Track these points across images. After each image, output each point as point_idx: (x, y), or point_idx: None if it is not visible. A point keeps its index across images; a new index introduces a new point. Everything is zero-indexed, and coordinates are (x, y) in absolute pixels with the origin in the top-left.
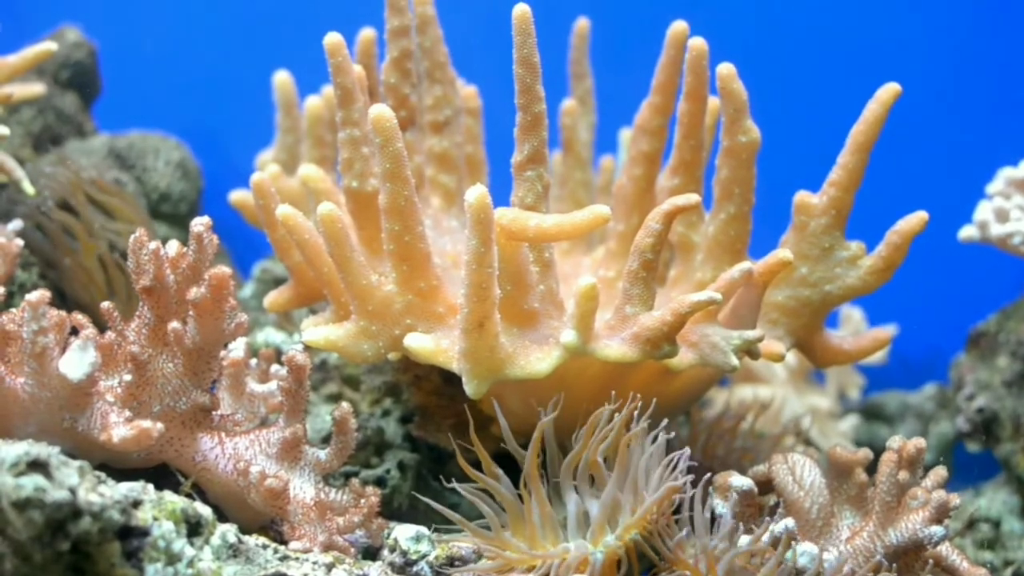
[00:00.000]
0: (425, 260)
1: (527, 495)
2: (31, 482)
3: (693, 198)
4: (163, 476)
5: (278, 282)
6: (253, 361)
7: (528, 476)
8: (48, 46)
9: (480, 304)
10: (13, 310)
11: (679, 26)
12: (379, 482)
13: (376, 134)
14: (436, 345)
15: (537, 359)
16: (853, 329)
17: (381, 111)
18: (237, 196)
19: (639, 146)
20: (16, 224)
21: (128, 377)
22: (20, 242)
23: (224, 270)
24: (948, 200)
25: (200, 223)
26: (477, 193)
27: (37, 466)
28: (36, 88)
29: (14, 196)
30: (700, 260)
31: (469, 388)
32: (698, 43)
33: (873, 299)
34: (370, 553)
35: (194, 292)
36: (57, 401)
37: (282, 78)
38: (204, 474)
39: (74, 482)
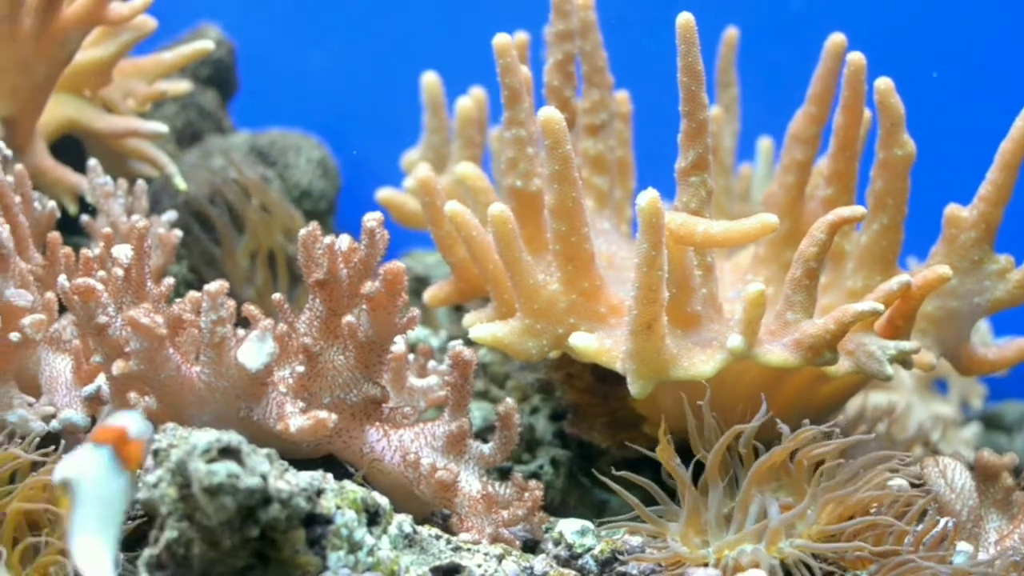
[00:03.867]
0: (589, 260)
1: (695, 493)
2: (224, 468)
3: (859, 210)
4: (328, 468)
5: (418, 280)
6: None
7: (709, 475)
8: (205, 45)
9: (649, 306)
10: (179, 300)
11: (837, 38)
12: (533, 478)
13: (545, 136)
14: (600, 345)
15: (701, 361)
16: (979, 339)
17: (551, 113)
18: (384, 194)
19: (792, 154)
20: (170, 215)
21: (300, 368)
22: (179, 233)
23: (399, 265)
24: None
25: (372, 218)
26: (649, 197)
27: (228, 453)
28: (183, 85)
29: (169, 188)
30: (851, 269)
31: (634, 388)
32: (857, 57)
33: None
34: (529, 546)
35: (369, 286)
36: (234, 390)
37: (430, 79)
38: (373, 465)
39: (265, 469)
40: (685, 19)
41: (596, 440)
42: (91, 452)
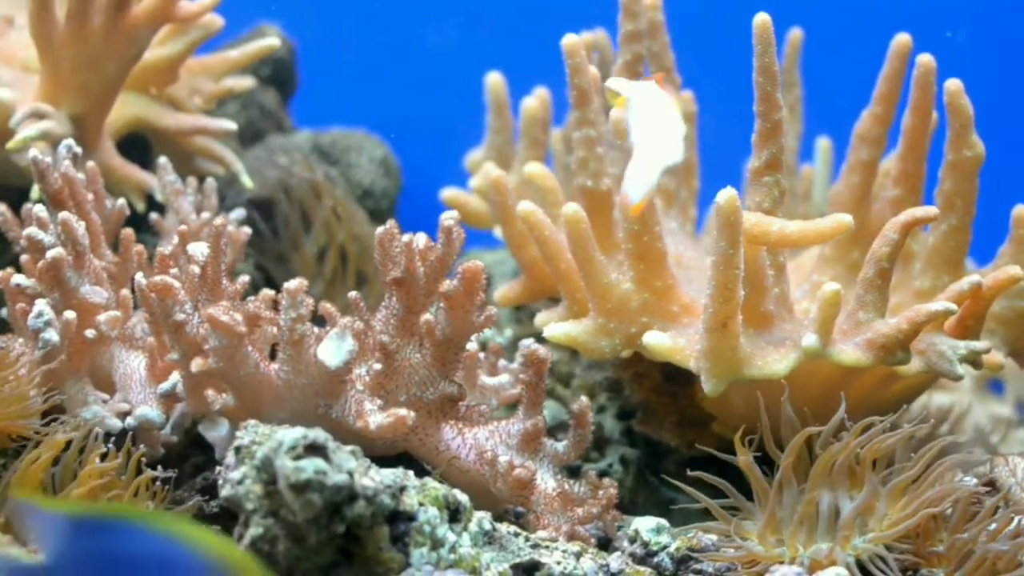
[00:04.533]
0: (662, 259)
1: (769, 492)
2: (311, 465)
3: (931, 210)
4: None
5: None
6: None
7: (784, 474)
8: (270, 42)
9: (725, 304)
10: (252, 298)
11: (903, 39)
12: (602, 476)
13: (617, 136)
14: (673, 343)
15: (775, 360)
16: None
17: (619, 117)
18: (449, 193)
19: (858, 154)
20: (239, 213)
21: (377, 366)
22: (248, 231)
23: (477, 263)
24: None
25: (450, 217)
26: (728, 195)
27: (315, 449)
28: (247, 82)
29: (234, 186)
30: (919, 269)
31: (708, 386)
32: (926, 59)
33: None
34: (602, 544)
35: (447, 284)
36: (312, 388)
37: (494, 79)
38: (451, 463)
39: (352, 466)
40: (762, 19)
41: (665, 439)
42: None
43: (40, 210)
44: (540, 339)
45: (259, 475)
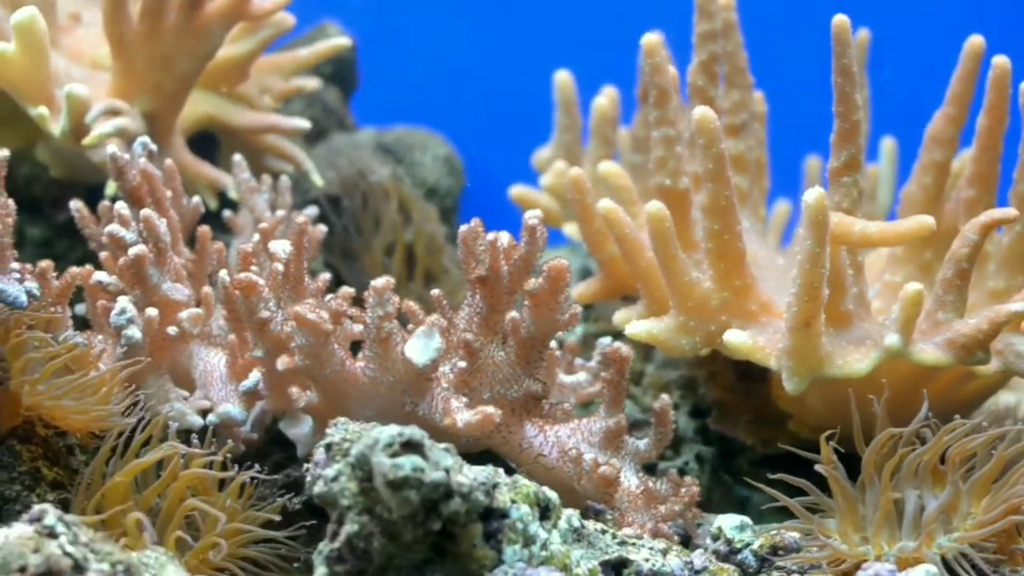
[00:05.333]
0: (741, 258)
1: (851, 491)
2: (409, 462)
3: (1011, 212)
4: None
5: None
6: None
7: (866, 473)
8: (341, 42)
9: (810, 303)
10: (331, 296)
11: (975, 41)
12: (679, 474)
13: (699, 135)
14: (753, 341)
15: (856, 359)
16: None
17: (705, 113)
18: (518, 191)
19: (931, 155)
20: (312, 211)
21: (462, 364)
22: (323, 228)
23: (562, 262)
24: None
25: (534, 216)
26: (816, 195)
27: (411, 446)
28: (314, 82)
29: (302, 184)
30: (993, 269)
31: (790, 385)
32: (1002, 61)
33: None
34: (682, 542)
35: (532, 283)
36: (400, 385)
37: (563, 77)
38: (537, 460)
39: (449, 463)
40: (841, 21)
41: (741, 437)
42: None
43: (122, 207)
44: (614, 336)
45: (354, 472)
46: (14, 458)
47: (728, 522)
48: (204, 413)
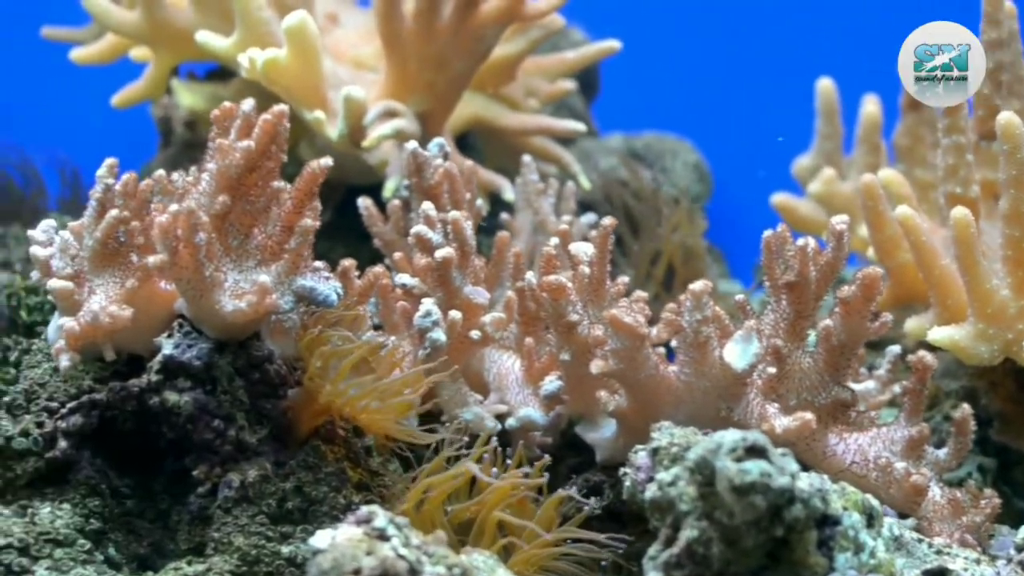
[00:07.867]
0: None
1: None
2: (756, 467)
3: None
4: None
5: None
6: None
7: None
8: (612, 44)
9: None
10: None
11: None
12: (960, 484)
13: (1004, 141)
14: None
15: None
16: None
17: (1011, 118)
18: (780, 199)
19: None
20: (590, 217)
21: (771, 370)
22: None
23: (876, 270)
24: None
25: (841, 221)
26: None
27: (755, 451)
28: (570, 84)
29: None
30: None
31: None
32: None
33: None
34: None
35: (846, 290)
36: (715, 390)
37: (825, 85)
38: (850, 468)
39: (794, 468)
40: None
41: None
42: None
43: (429, 208)
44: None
45: (693, 476)
46: (319, 459)
47: None
48: (502, 417)
